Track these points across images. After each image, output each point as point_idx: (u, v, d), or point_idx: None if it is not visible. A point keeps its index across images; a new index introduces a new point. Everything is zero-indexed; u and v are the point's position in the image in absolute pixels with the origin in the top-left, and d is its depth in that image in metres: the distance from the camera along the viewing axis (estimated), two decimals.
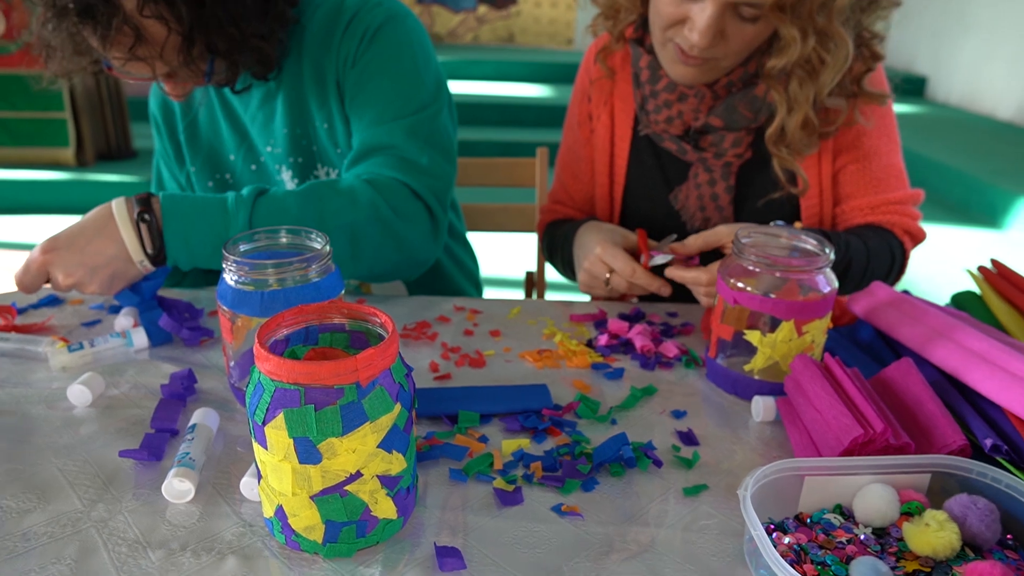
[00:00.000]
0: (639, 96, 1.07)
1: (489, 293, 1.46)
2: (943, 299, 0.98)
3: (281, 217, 0.88)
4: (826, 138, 1.01)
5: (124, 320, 0.88)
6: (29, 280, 0.86)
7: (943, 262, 3.15)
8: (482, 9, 7.36)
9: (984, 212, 3.90)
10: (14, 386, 0.78)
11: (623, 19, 1.03)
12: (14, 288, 0.92)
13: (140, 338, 0.84)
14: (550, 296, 1.52)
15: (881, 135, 1.03)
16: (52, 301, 0.97)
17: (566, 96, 5.66)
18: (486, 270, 1.47)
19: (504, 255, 2.69)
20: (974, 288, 0.98)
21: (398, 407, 0.52)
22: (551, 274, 1.41)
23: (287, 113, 1.05)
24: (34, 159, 4.03)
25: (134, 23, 0.85)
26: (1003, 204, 3.78)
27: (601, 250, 0.95)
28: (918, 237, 1.06)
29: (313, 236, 0.71)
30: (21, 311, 0.94)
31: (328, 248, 0.68)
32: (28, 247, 3.33)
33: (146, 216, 0.84)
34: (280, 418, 0.49)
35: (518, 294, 1.55)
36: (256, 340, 0.51)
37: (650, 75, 1.03)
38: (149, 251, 0.86)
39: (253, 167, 1.12)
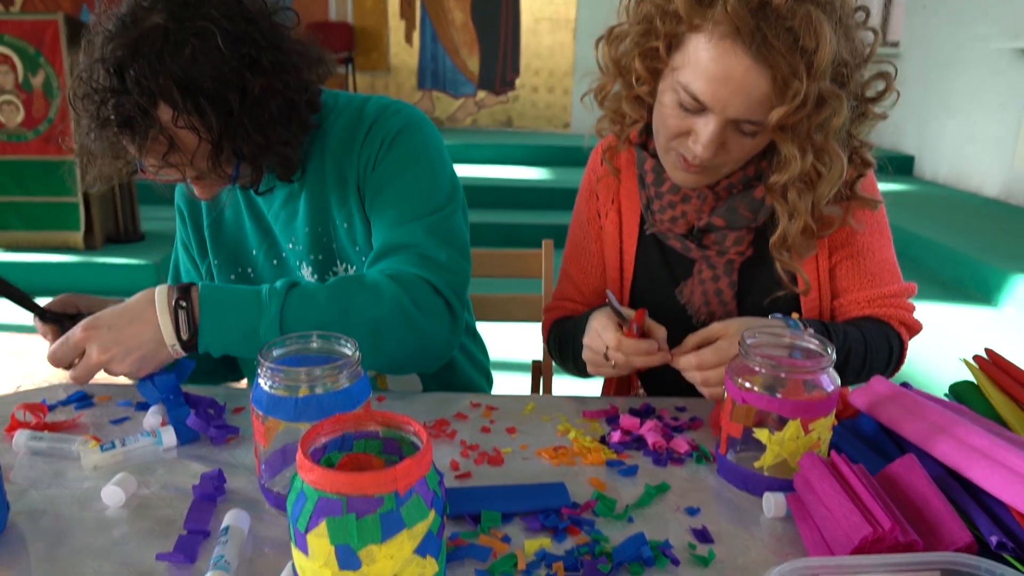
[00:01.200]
0: (644, 196, 1.13)
1: (497, 379, 1.49)
2: (942, 379, 1.02)
3: (310, 309, 0.93)
4: (823, 237, 1.07)
5: (153, 419, 0.91)
6: (63, 353, 0.90)
7: (941, 339, 3.19)
8: (481, 94, 7.64)
9: (978, 290, 3.96)
10: (47, 487, 0.80)
11: (628, 124, 1.09)
12: (28, 371, 0.95)
13: (169, 437, 0.87)
14: (556, 384, 1.55)
15: (873, 232, 1.09)
16: (81, 397, 1.00)
17: (564, 178, 5.81)
18: (493, 356, 1.51)
19: (511, 343, 2.74)
20: (971, 377, 1.02)
21: (432, 513, 0.55)
22: None
23: (309, 212, 1.11)
24: (44, 242, 4.12)
25: (168, 133, 0.92)
26: (996, 282, 3.84)
27: (596, 324, 0.99)
28: (914, 329, 1.11)
29: (343, 341, 0.75)
30: (51, 408, 0.97)
31: (357, 354, 0.72)
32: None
33: (183, 303, 0.90)
34: (322, 526, 0.52)
35: (525, 379, 1.58)
36: (299, 449, 0.55)
37: (655, 177, 1.09)
38: (183, 336, 0.90)
39: (275, 262, 1.17)
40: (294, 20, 1.01)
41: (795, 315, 1.00)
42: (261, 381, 0.71)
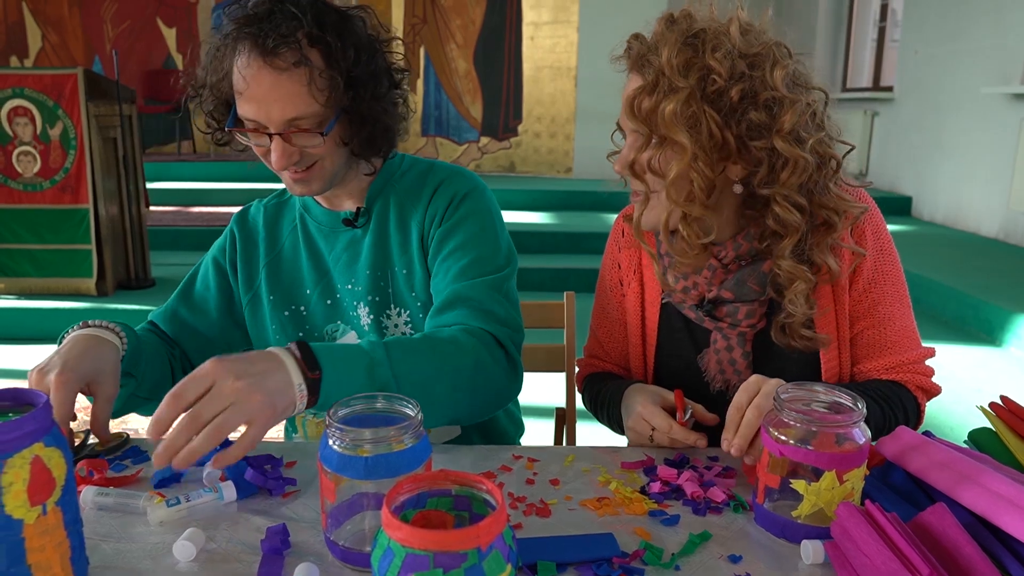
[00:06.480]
0: (660, 267, 1.18)
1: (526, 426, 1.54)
2: (951, 418, 1.05)
3: (414, 358, 0.96)
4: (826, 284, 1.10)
5: (212, 473, 0.95)
6: (192, 388, 0.81)
7: (947, 379, 3.21)
8: (484, 140, 7.78)
9: (982, 329, 4.01)
10: (118, 540, 0.84)
11: None
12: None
13: (230, 491, 0.91)
14: (580, 431, 1.59)
15: (894, 301, 1.14)
16: (135, 452, 1.04)
17: (566, 223, 5.90)
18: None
19: (533, 392, 2.79)
20: (988, 423, 1.06)
21: (509, 567, 0.59)
22: (579, 406, 1.49)
23: (371, 256, 1.20)
24: (56, 288, 4.18)
25: (311, 65, 1.03)
26: (999, 321, 3.90)
27: (642, 409, 1.06)
28: (932, 392, 1.15)
29: (404, 402, 0.80)
30: (110, 463, 1.01)
31: (420, 415, 0.77)
32: None
33: (301, 354, 0.88)
34: None
35: (548, 425, 1.62)
36: (384, 508, 0.59)
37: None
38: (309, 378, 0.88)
39: (328, 302, 1.24)
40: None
41: None
42: (330, 441, 0.76)
